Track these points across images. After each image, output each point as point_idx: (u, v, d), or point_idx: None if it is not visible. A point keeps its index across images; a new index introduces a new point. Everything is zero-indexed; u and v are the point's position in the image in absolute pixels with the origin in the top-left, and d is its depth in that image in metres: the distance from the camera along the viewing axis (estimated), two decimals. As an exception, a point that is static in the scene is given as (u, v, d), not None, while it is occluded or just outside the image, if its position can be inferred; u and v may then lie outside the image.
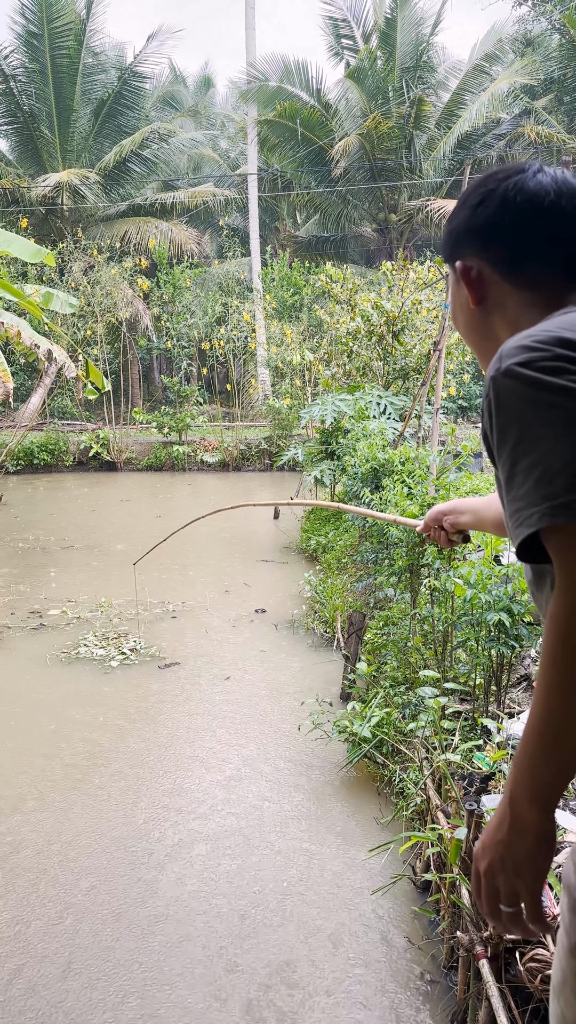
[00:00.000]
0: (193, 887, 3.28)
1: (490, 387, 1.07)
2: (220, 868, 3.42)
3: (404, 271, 10.32)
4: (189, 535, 10.49)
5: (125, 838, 3.65)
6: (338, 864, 3.45)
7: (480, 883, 1.13)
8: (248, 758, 4.44)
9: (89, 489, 15.53)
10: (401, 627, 4.90)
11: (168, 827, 3.73)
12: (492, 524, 1.83)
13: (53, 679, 5.66)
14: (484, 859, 1.12)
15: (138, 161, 23.51)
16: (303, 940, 2.97)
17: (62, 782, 4.19)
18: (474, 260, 1.28)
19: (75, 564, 9.13)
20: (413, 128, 21.49)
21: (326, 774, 4.26)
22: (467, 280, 1.30)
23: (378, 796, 4.00)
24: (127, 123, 23.87)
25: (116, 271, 19.49)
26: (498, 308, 1.27)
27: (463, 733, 3.52)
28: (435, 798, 3.15)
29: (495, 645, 3.40)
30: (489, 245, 1.26)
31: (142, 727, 4.85)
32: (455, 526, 1.95)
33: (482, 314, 1.30)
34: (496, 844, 1.10)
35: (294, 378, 17.60)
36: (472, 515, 1.90)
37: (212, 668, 5.86)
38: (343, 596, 6.72)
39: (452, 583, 3.61)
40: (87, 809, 3.91)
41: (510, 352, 1.06)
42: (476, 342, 1.35)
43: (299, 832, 3.70)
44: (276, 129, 22.40)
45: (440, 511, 1.97)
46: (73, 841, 3.63)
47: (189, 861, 3.46)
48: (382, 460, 5.92)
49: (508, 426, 1.04)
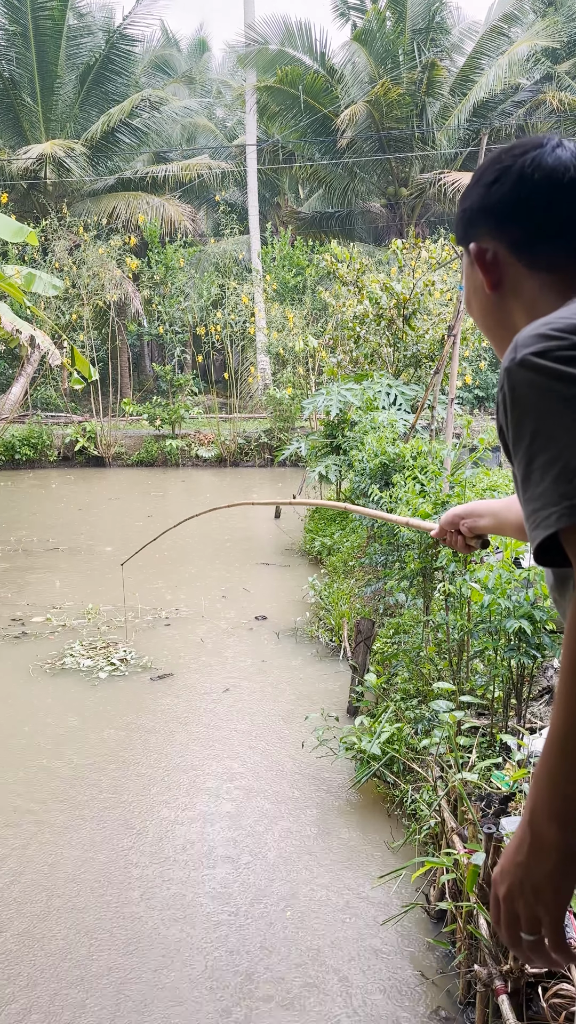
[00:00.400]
0: (190, 920, 3.29)
1: (505, 379, 1.07)
2: (219, 897, 3.43)
3: (416, 250, 10.32)
4: (183, 536, 10.50)
5: (115, 868, 3.66)
6: (346, 892, 3.46)
7: (499, 909, 1.14)
8: (248, 778, 4.45)
9: (75, 486, 15.55)
10: (413, 635, 4.90)
11: (162, 854, 3.74)
12: (513, 528, 1.83)
13: (36, 692, 5.67)
14: (503, 883, 1.13)
15: (127, 131, 23.51)
16: (309, 974, 2.98)
17: (45, 805, 4.20)
18: (489, 242, 1.29)
19: (60, 567, 9.15)
20: (425, 95, 21.48)
21: (332, 795, 4.26)
22: (481, 263, 1.30)
23: (388, 819, 4.00)
24: (115, 90, 23.88)
25: (103, 250, 19.52)
26: (514, 293, 1.28)
27: (480, 750, 3.52)
28: (450, 820, 3.16)
29: (515, 655, 3.41)
30: (505, 225, 1.26)
31: (133, 744, 4.85)
32: (473, 530, 1.94)
33: (497, 299, 1.30)
34: (515, 867, 1.10)
35: (296, 366, 17.60)
36: (492, 518, 1.90)
37: (208, 680, 5.87)
38: (350, 602, 6.72)
39: (468, 588, 3.62)
40: (73, 836, 3.92)
41: (526, 341, 1.07)
42: (491, 329, 1.36)
43: (303, 858, 3.71)
44: (277, 96, 22.39)
45: (456, 514, 1.97)
46: (53, 871, 3.64)
47: (184, 891, 3.47)
48: (392, 455, 5.93)
49: (524, 420, 1.05)
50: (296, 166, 24.59)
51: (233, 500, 12.48)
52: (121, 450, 18.41)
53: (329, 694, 5.57)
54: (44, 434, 18.04)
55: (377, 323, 9.49)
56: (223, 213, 24.86)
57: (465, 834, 3.01)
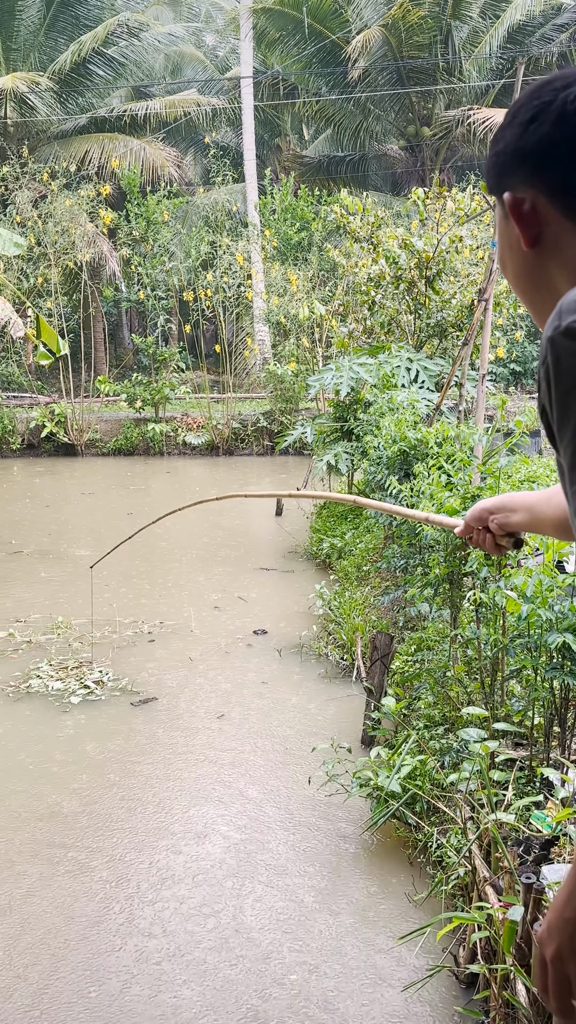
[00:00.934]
0: (188, 987, 3.30)
1: (548, 349, 1.08)
2: (218, 962, 3.43)
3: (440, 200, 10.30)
4: (168, 537, 10.51)
5: (91, 932, 3.67)
6: (362, 953, 3.46)
7: (546, 973, 1.14)
8: (246, 821, 4.45)
9: (42, 479, 15.57)
10: (438, 652, 4.90)
11: (148, 915, 3.75)
12: (551, 525, 1.83)
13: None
14: (551, 943, 1.13)
15: (101, 62, 23.51)
16: (316, 1048, 2.99)
17: (5, 856, 4.21)
18: (526, 190, 1.29)
19: (24, 574, 9.16)
20: (451, 17, 21.43)
21: (344, 840, 4.26)
22: (517, 215, 1.30)
23: (410, 866, 4.01)
24: (87, 14, 23.88)
25: (71, 201, 19.52)
26: (556, 250, 1.27)
27: (518, 786, 3.52)
28: (483, 869, 3.16)
29: (558, 674, 3.40)
30: (544, 171, 1.26)
31: (110, 780, 4.86)
32: (504, 527, 1.94)
33: (536, 257, 1.30)
34: (565, 922, 1.10)
35: (301, 337, 17.58)
36: (526, 513, 1.90)
37: (199, 705, 5.88)
38: (364, 613, 6.72)
39: (503, 596, 3.62)
40: (41, 895, 3.93)
41: (571, 306, 1.07)
42: (528, 293, 1.35)
43: (312, 914, 3.71)
44: (276, 19, 22.37)
45: (485, 508, 1.97)
46: (14, 944, 3.65)
47: (178, 957, 3.48)
48: (413, 441, 5.92)
49: (571, 395, 1.05)
50: (300, 102, 24.55)
51: (227, 494, 12.46)
52: (95, 436, 18.42)
53: (340, 721, 5.57)
54: (5, 418, 18.07)
55: (395, 286, 9.47)
56: (214, 158, 24.81)
57: (500, 885, 3.01)
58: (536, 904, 2.52)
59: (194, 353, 23.54)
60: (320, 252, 20.33)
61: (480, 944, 3.09)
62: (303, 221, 21.55)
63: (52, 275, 19.29)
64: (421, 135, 23.32)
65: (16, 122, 22.59)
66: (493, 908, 2.86)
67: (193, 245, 20.79)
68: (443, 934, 3.35)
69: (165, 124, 24.99)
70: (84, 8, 23.82)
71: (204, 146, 27.41)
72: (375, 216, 10.64)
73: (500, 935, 2.73)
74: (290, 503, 11.94)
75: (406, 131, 23.89)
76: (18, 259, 19.09)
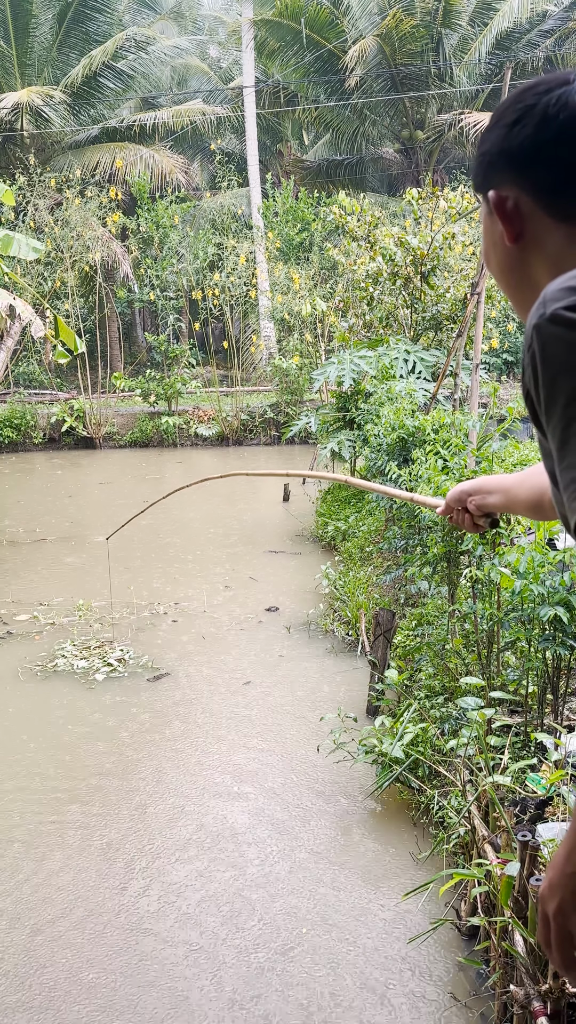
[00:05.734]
0: (200, 939, 3.33)
1: (533, 336, 1.07)
2: (230, 917, 3.46)
3: (433, 199, 10.24)
4: (182, 523, 10.53)
5: (116, 885, 3.70)
6: (368, 908, 3.49)
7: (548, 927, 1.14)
8: (260, 786, 4.48)
9: (63, 471, 15.58)
10: (438, 627, 4.91)
11: (169, 870, 3.78)
12: (525, 506, 1.83)
13: (27, 697, 5.72)
14: (553, 898, 1.12)
15: (111, 75, 23.37)
16: (329, 997, 3.01)
17: (41, 822, 4.24)
18: (510, 189, 1.28)
19: (48, 560, 9.18)
20: (442, 26, 21.22)
21: (351, 802, 4.29)
22: (501, 213, 1.29)
23: (413, 827, 4.03)
24: (97, 30, 23.72)
25: (79, 202, 19.43)
26: (537, 246, 1.27)
27: (514, 751, 3.53)
28: (481, 828, 3.17)
29: (550, 646, 3.41)
30: (527, 171, 1.25)
31: (136, 751, 4.89)
32: (481, 508, 1.95)
33: (519, 253, 1.29)
34: (567, 878, 1.10)
35: (304, 332, 17.53)
36: (502, 495, 1.90)
37: (215, 680, 5.91)
38: (368, 591, 6.73)
39: (498, 573, 3.62)
40: (70, 853, 3.96)
41: (555, 295, 1.06)
42: (512, 286, 1.34)
43: (321, 872, 3.74)
44: (276, 31, 22.18)
45: (464, 490, 1.98)
46: (44, 905, 3.68)
47: (193, 910, 3.51)
48: (411, 428, 5.91)
49: (558, 380, 1.04)
50: (299, 109, 24.37)
51: (229, 472, 12.51)
52: (112, 429, 18.41)
53: (346, 692, 5.59)
54: (27, 414, 18.05)
55: (392, 282, 9.43)
56: (219, 164, 24.67)
57: (498, 843, 3.02)
58: (532, 860, 2.53)
59: (204, 349, 23.49)
60: (321, 251, 20.23)
61: (480, 898, 3.11)
62: (304, 222, 21.42)
63: (69, 278, 19.24)
64: (415, 138, 23.14)
65: (32, 134, 22.49)
66: (492, 864, 2.87)
67: (201, 247, 20.70)
68: (445, 889, 3.37)
69: (172, 132, 24.85)
70: (94, 24, 23.68)
71: (210, 153, 27.25)
72: (372, 216, 10.59)
73: (499, 890, 2.74)
74: (297, 489, 11.97)
75: (400, 135, 23.71)
76: (37, 263, 19.05)
